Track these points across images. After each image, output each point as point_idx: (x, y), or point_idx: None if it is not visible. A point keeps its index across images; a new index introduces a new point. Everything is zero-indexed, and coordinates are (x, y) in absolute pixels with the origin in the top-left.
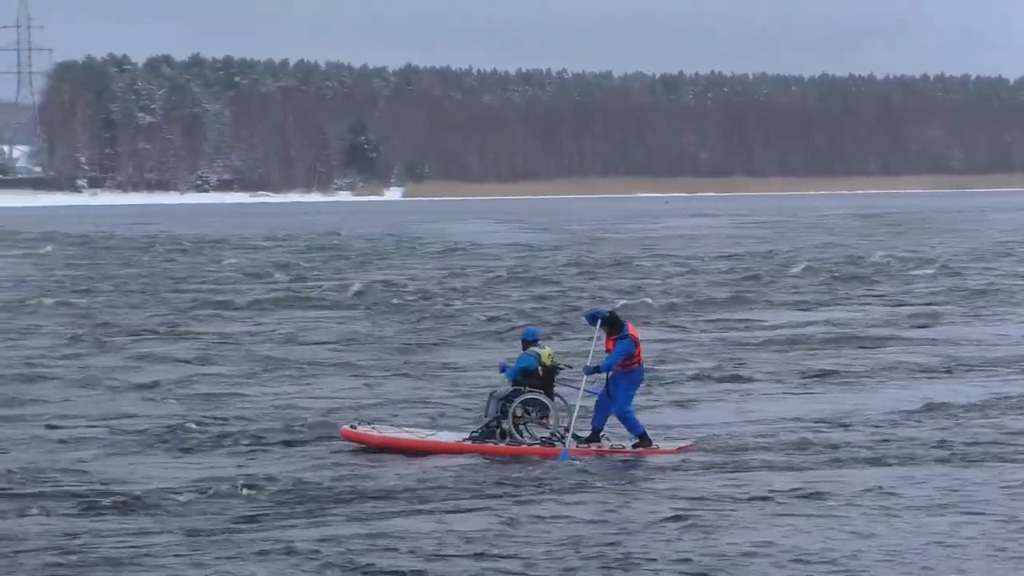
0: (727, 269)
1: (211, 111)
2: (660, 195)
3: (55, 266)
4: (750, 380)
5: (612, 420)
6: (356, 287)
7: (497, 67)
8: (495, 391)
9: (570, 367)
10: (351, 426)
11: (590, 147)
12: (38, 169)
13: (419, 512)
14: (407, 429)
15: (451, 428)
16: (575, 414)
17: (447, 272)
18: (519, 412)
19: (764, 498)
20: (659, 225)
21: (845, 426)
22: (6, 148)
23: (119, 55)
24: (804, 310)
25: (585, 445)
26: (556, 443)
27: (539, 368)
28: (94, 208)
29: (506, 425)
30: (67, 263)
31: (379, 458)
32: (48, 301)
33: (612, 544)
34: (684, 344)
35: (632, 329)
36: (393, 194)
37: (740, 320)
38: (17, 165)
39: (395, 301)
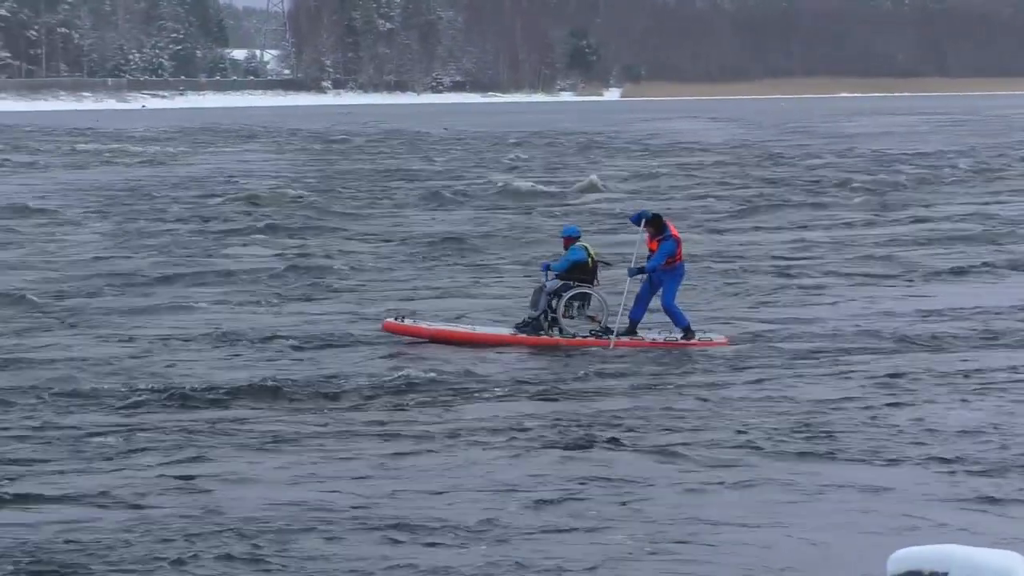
0: (906, 165)
1: (445, 18)
2: (862, 95)
3: (297, 160)
4: (882, 276)
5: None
6: (500, 184)
7: None
8: (544, 285)
9: (610, 264)
10: (395, 318)
11: (794, 50)
12: (287, 72)
13: (488, 400)
14: (447, 324)
15: (489, 323)
16: (620, 311)
17: (645, 167)
18: (566, 306)
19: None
20: (855, 123)
21: (948, 319)
22: (258, 52)
23: None
24: (966, 204)
25: (626, 337)
26: (604, 335)
27: (588, 261)
28: (337, 107)
29: (556, 318)
30: (306, 159)
31: (432, 350)
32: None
33: (682, 419)
34: (837, 240)
35: (674, 230)
36: (612, 94)
37: (899, 216)
38: (268, 68)
39: (553, 197)
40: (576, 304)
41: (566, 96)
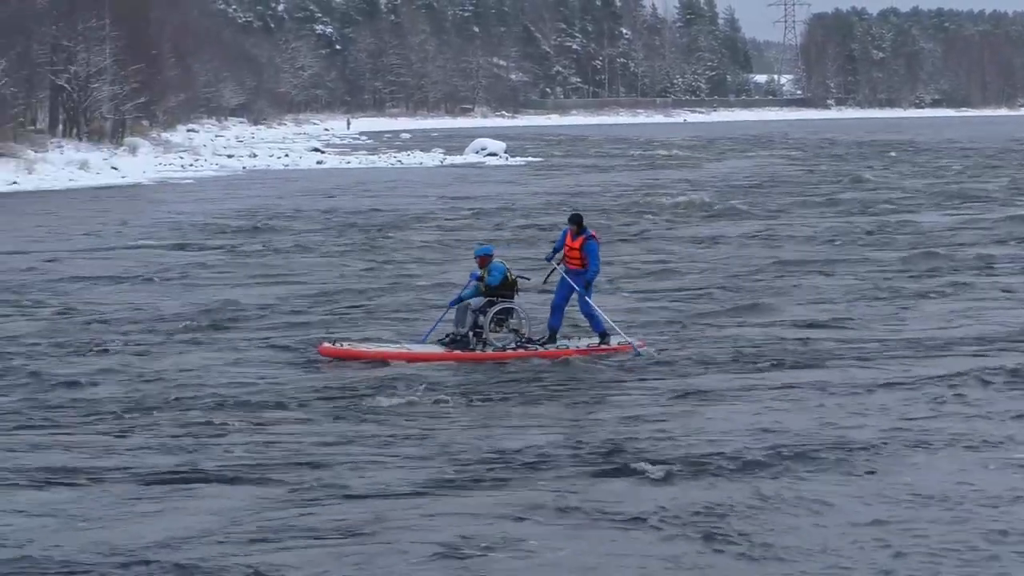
0: None
1: (926, 48)
2: None
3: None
4: None
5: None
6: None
7: None
8: (470, 303)
9: (528, 279)
10: (331, 343)
11: None
12: (798, 92)
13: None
14: (380, 344)
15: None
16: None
17: None
18: (493, 322)
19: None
20: None
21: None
22: (775, 76)
23: (859, 8)
24: None
25: (543, 347)
26: (528, 347)
27: (507, 276)
28: (839, 121)
29: (485, 334)
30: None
31: (372, 370)
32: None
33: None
34: None
35: (593, 232)
36: None
37: None
38: (783, 89)
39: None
40: (504, 319)
41: None
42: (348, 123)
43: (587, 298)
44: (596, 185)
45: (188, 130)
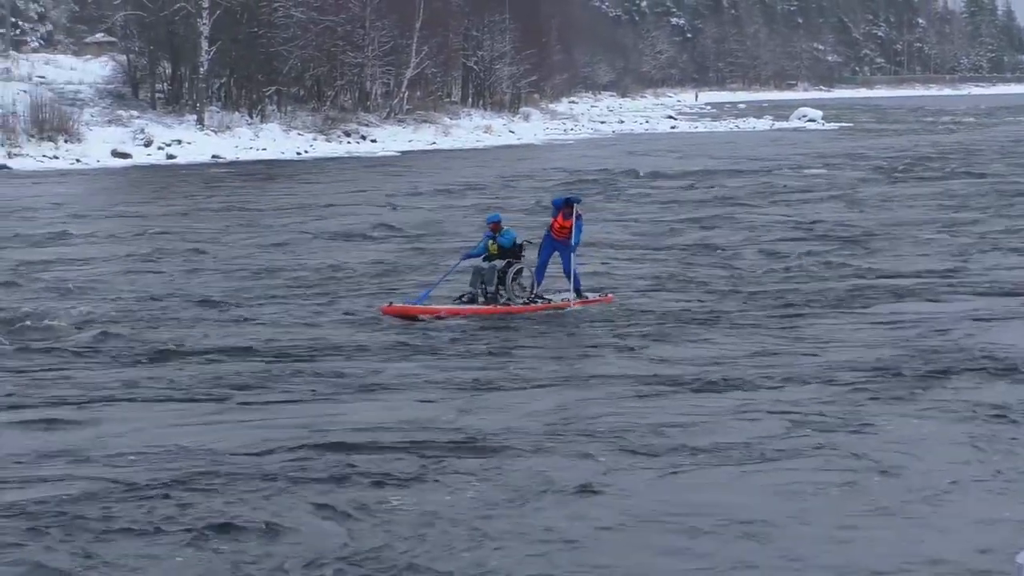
0: None
1: None
2: None
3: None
4: None
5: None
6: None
7: None
8: (493, 264)
9: (530, 243)
10: (390, 303)
11: None
12: None
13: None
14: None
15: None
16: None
17: None
18: (510, 280)
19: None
20: None
21: None
22: None
23: None
24: None
25: (536, 301)
26: (538, 301)
27: (515, 241)
28: None
29: (508, 291)
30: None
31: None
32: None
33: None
34: None
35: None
36: None
37: None
38: None
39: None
40: (519, 278)
41: None
42: (696, 96)
43: (571, 261)
44: (886, 146)
45: (569, 102)
